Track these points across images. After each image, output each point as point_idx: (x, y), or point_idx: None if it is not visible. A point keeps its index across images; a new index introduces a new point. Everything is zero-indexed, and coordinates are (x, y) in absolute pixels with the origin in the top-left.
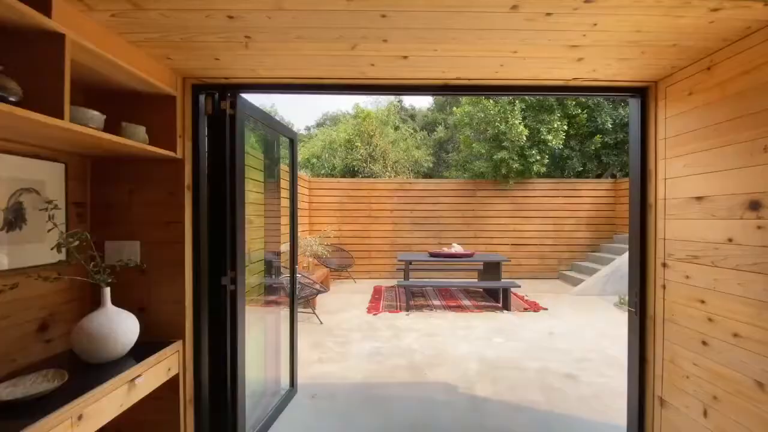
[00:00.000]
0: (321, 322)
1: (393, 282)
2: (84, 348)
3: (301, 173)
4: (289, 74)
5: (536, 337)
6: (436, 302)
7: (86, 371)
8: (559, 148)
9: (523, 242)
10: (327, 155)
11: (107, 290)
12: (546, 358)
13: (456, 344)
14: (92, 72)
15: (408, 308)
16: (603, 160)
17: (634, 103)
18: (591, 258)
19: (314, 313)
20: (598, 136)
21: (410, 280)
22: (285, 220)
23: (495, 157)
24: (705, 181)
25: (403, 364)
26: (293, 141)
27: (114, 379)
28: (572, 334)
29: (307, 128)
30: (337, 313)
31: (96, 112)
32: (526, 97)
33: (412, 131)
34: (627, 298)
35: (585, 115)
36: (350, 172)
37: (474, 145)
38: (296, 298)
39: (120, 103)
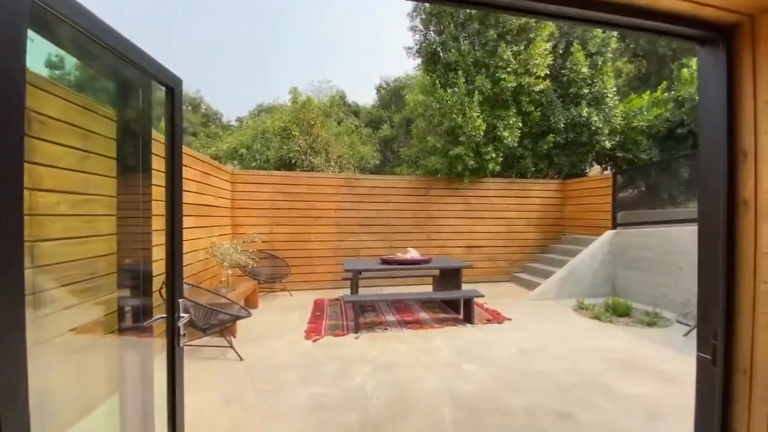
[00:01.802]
0: (241, 359)
1: (337, 293)
2: None
3: (225, 165)
4: None
5: (508, 357)
6: (390, 317)
7: None
8: (513, 146)
9: (476, 244)
10: (259, 146)
11: None
12: (529, 389)
13: (420, 378)
14: None
15: (357, 328)
16: (554, 160)
17: (711, 54)
18: (541, 259)
19: (231, 346)
20: (551, 135)
21: (359, 292)
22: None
23: (451, 152)
24: None
25: (354, 422)
26: (173, 91)
27: None
28: (544, 350)
29: (239, 119)
30: (265, 341)
31: None
32: (490, 85)
33: (356, 126)
34: (585, 301)
35: (539, 113)
36: (286, 165)
37: (428, 138)
38: (180, 340)
39: None
